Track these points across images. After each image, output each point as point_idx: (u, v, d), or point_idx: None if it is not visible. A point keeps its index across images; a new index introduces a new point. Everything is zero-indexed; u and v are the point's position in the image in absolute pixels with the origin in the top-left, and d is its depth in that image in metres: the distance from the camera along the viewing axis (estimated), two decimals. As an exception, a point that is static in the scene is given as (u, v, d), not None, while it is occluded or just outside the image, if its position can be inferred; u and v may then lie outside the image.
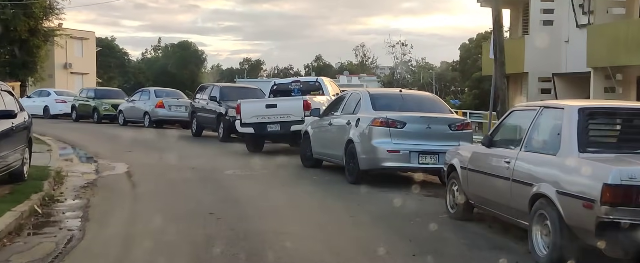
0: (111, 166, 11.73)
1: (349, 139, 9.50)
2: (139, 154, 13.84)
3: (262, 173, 10.82)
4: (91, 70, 47.31)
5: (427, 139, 8.93)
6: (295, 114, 13.48)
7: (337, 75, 69.77)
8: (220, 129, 16.88)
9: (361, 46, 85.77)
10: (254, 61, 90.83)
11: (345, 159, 9.63)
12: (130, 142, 16.54)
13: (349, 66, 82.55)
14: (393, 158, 8.88)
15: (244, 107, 13.88)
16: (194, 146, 15.86)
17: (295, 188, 9.37)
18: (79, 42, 45.86)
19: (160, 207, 7.76)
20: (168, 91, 23.59)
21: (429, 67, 76.98)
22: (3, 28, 35.59)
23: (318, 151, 10.95)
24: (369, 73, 77.84)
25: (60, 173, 10.12)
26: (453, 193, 6.89)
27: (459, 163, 6.73)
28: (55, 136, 17.77)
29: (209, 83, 20.81)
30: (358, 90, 10.52)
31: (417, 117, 9.03)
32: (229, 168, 11.18)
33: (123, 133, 19.34)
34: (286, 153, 14.32)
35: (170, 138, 17.86)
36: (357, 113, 9.67)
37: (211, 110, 17.49)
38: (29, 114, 9.81)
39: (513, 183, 5.52)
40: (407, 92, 10.36)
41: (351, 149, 9.40)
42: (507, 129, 6.13)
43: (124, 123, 22.92)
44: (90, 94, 25.40)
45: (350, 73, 74.90)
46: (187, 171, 10.98)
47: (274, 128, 13.68)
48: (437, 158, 8.85)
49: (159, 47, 70.47)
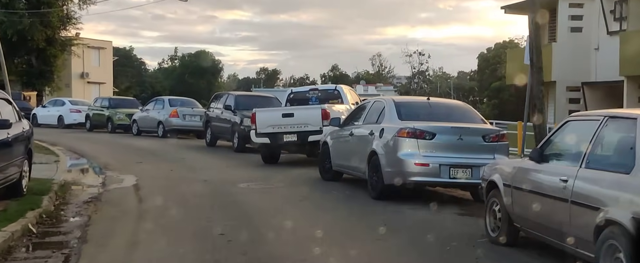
0: (119, 178, 11.03)
1: (372, 151, 8.69)
2: (150, 165, 13.15)
3: (278, 187, 10.04)
4: (108, 79, 47.09)
5: (458, 151, 8.08)
6: (313, 124, 12.70)
7: (354, 84, 68.94)
8: (235, 139, 16.16)
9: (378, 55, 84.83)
10: (270, 71, 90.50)
11: (368, 172, 8.81)
12: (142, 153, 15.88)
13: (365, 75, 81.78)
14: (421, 172, 8.04)
15: (259, 116, 13.14)
16: (208, 157, 15.15)
17: (314, 204, 8.56)
18: (96, 51, 45.69)
19: (166, 226, 6.99)
20: (182, 100, 22.97)
21: (446, 77, 75.97)
22: (20, 37, 35.41)
23: (338, 163, 10.15)
24: (385, 83, 76.97)
25: (63, 187, 9.43)
26: (494, 214, 6.04)
27: (501, 180, 5.88)
28: (66, 146, 17.21)
29: (224, 92, 20.13)
30: (382, 98, 9.68)
31: (447, 127, 8.20)
32: (242, 181, 10.42)
33: (135, 143, 18.71)
34: (303, 164, 13.53)
35: (184, 149, 17.17)
36: (381, 122, 8.86)
37: (226, 119, 16.79)
38: (30, 123, 9.15)
39: (572, 206, 4.67)
40: (435, 101, 9.52)
41: (375, 161, 8.58)
42: (562, 142, 5.28)
43: (137, 133, 22.32)
44: (104, 104, 24.88)
45: (366, 83, 74.10)
46: (199, 184, 10.24)
47: (291, 138, 12.91)
48: (470, 173, 8.00)
49: (175, 56, 70.36)
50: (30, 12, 35.26)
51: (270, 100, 17.61)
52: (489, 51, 75.65)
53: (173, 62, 69.74)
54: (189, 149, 17.25)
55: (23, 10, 35.06)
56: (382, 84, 75.47)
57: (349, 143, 9.67)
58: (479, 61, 77.89)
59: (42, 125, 27.51)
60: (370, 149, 8.73)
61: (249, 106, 16.30)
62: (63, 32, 38.90)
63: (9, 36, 34.77)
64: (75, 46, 39.66)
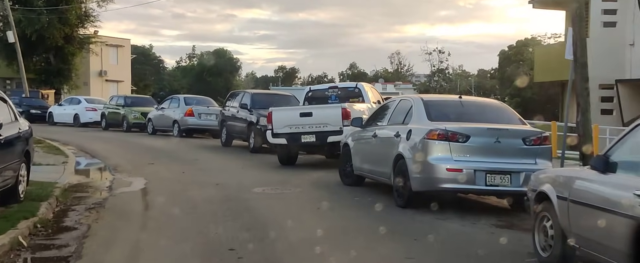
0: (128, 181, 10.35)
1: (398, 154, 7.87)
2: (161, 167, 12.47)
3: (295, 193, 9.26)
4: (126, 77, 46.78)
5: (496, 155, 7.23)
6: (332, 124, 11.91)
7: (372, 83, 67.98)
8: (251, 139, 15.43)
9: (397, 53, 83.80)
10: (288, 69, 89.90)
11: (394, 178, 7.99)
12: (155, 153, 15.23)
13: (384, 73, 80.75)
14: (454, 178, 7.20)
15: (275, 115, 12.38)
16: (222, 158, 14.43)
17: (335, 213, 7.77)
18: (114, 49, 45.40)
19: (171, 238, 6.26)
20: (198, 99, 22.31)
21: (466, 75, 74.64)
22: (38, 36, 35.17)
23: (360, 167, 9.34)
24: (404, 81, 75.87)
25: (66, 192, 8.77)
26: (544, 230, 5.19)
27: (554, 192, 5.03)
28: (78, 146, 16.64)
29: (240, 90, 19.41)
30: (408, 96, 8.81)
31: (483, 129, 7.34)
32: (257, 185, 9.67)
33: (149, 143, 18.09)
34: (322, 166, 12.75)
35: (198, 149, 16.49)
36: (408, 123, 8.03)
37: (242, 118, 16.07)
38: (29, 124, 8.48)
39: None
40: (468, 99, 8.67)
41: (401, 166, 7.76)
42: (636, 148, 4.41)
43: (152, 132, 21.72)
44: (119, 102, 24.34)
45: (385, 81, 73.09)
46: (211, 188, 9.51)
47: (309, 138, 12.13)
48: (509, 179, 7.15)
49: (194, 55, 70.07)
50: (48, 10, 34.99)
51: (288, 99, 16.85)
52: (510, 48, 74.19)
53: (191, 61, 69.46)
54: (203, 149, 16.56)
55: (41, 8, 34.76)
56: (400, 82, 74.42)
57: (373, 145, 8.87)
58: (500, 58, 76.40)
59: (58, 124, 27.13)
60: (396, 153, 7.92)
61: (265, 105, 15.57)
62: (81, 30, 38.65)
63: (28, 34, 34.55)
64: (93, 43, 39.37)
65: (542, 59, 21.23)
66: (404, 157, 7.71)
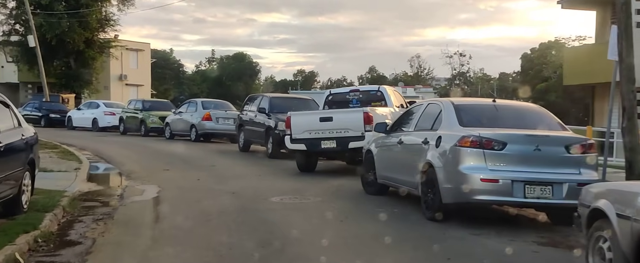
0: (140, 189, 9.86)
1: (426, 162, 7.23)
2: (176, 173, 11.98)
3: (315, 203, 8.66)
4: (146, 81, 46.71)
5: (535, 164, 6.56)
6: (354, 129, 11.31)
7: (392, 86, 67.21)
8: (269, 145, 14.90)
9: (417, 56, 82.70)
10: (307, 73, 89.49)
11: (422, 188, 7.36)
12: (171, 159, 14.77)
13: (403, 77, 79.89)
14: (489, 189, 6.55)
15: (294, 120, 11.81)
16: (239, 163, 13.91)
17: (358, 226, 7.15)
18: (134, 53, 45.35)
19: (179, 257, 5.71)
20: (216, 103, 21.87)
21: (487, 79, 73.51)
22: (59, 40, 35.16)
23: (384, 175, 8.71)
24: (424, 84, 74.90)
25: (74, 201, 8.28)
26: (601, 253, 4.52)
27: (612, 209, 4.36)
28: (94, 151, 16.27)
29: (258, 93, 18.91)
30: (437, 100, 8.15)
31: (521, 135, 6.68)
32: (275, 194, 9.10)
33: (166, 148, 17.66)
34: (343, 173, 12.14)
35: (215, 154, 16.00)
36: (437, 128, 7.40)
37: (259, 123, 15.55)
38: (34, 130, 8.02)
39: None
40: (503, 103, 7.98)
41: (430, 175, 7.13)
42: None
43: (170, 137, 21.32)
44: (137, 106, 23.99)
45: (405, 84, 72.23)
46: (226, 197, 8.97)
47: (329, 144, 11.53)
48: (551, 191, 6.47)
49: (213, 58, 70.01)
50: (69, 15, 34.97)
51: (307, 102, 16.28)
52: (532, 51, 72.87)
53: (211, 65, 69.40)
54: (220, 154, 16.08)
55: (62, 13, 34.74)
56: (420, 85, 73.48)
57: (398, 152, 8.24)
58: (522, 61, 75.12)
59: (77, 128, 26.93)
60: (424, 161, 7.28)
61: (284, 109, 15.04)
62: (101, 34, 38.62)
63: (48, 39, 34.56)
64: (113, 48, 39.30)
65: (572, 61, 20.34)
66: (433, 166, 7.08)
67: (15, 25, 36.40)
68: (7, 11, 36.22)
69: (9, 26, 36.46)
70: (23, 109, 30.40)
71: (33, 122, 29.40)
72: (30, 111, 29.58)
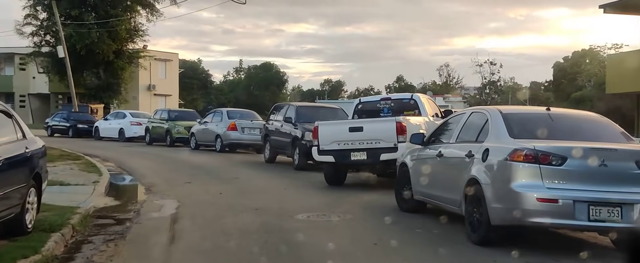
0: (159, 204, 9.19)
1: (471, 178, 6.38)
2: (198, 187, 11.33)
3: (345, 221, 7.86)
4: (174, 91, 46.65)
5: (601, 182, 5.66)
6: (385, 140, 10.49)
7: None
8: (296, 156, 14.17)
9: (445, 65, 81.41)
10: (335, 82, 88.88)
11: (466, 207, 6.51)
12: (194, 170, 14.15)
13: (432, 86, 78.60)
14: (547, 210, 5.66)
15: (322, 130, 11.06)
16: (264, 176, 13.19)
17: (394, 251, 6.32)
18: (162, 63, 45.36)
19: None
20: (242, 112, 21.27)
21: (517, 88, 71.80)
22: (88, 51, 35.22)
23: (421, 191, 7.87)
24: (453, 93, 73.54)
25: (86, 219, 7.65)
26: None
27: None
28: (117, 163, 15.78)
29: (284, 103, 18.21)
30: (482, 108, 7.26)
31: (583, 148, 5.78)
32: (301, 210, 8.34)
33: (190, 159, 17.08)
34: (374, 187, 11.34)
35: (240, 166, 15.34)
36: (483, 140, 6.54)
37: (286, 133, 14.86)
38: (43, 143, 7.41)
39: None
40: (558, 112, 7.06)
41: (476, 193, 6.28)
42: None
43: (195, 147, 20.78)
44: (163, 116, 23.57)
45: (433, 94, 71.02)
46: (249, 214, 8.24)
47: (360, 156, 10.73)
48: (619, 213, 5.56)
49: (241, 69, 69.92)
50: (98, 25, 35.03)
51: (335, 112, 15.53)
52: (565, 60, 70.96)
53: (238, 75, 69.31)
54: (245, 166, 15.41)
55: (92, 23, 34.80)
56: (449, 95, 72.15)
57: (437, 166, 7.39)
58: (555, 70, 73.24)
59: (104, 138, 26.68)
60: (468, 177, 6.43)
61: (311, 119, 14.32)
62: (130, 44, 38.64)
63: (78, 49, 34.66)
64: (142, 58, 39.29)
65: (615, 69, 19.15)
66: (480, 182, 6.22)
67: (46, 36, 36.65)
68: (38, 22, 36.49)
69: (40, 37, 36.72)
70: (51, 120, 30.40)
71: (61, 132, 29.60)
72: (59, 121, 29.53)
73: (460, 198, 6.66)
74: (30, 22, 36.18)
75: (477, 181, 6.29)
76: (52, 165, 13.73)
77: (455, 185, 6.76)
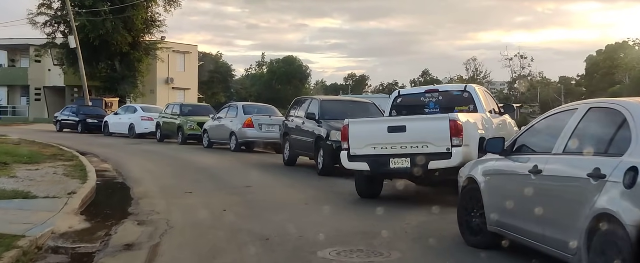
0: (137, 230, 6.83)
1: (602, 213, 3.93)
2: (199, 198, 9.04)
3: (390, 262, 5.45)
4: (193, 85, 44.63)
5: None
6: (435, 143, 8.06)
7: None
8: (319, 159, 11.81)
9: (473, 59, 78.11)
10: (358, 77, 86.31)
11: (589, 257, 4.06)
12: (201, 175, 11.88)
13: (458, 81, 75.51)
14: None
15: (354, 130, 8.65)
16: (282, 183, 10.82)
17: None
18: (181, 56, 43.33)
19: None
20: (259, 107, 18.95)
21: (546, 82, 68.44)
22: (102, 41, 33.29)
23: (500, 220, 5.43)
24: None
25: (31, 253, 5.40)
26: None
27: None
28: (116, 164, 13.60)
29: (306, 96, 15.80)
30: (612, 102, 4.60)
31: None
32: (327, 242, 5.97)
33: (199, 160, 14.81)
34: (418, 201, 8.91)
35: (254, 169, 13.01)
36: (620, 152, 4.06)
37: (308, 131, 12.51)
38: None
39: None
40: None
41: (608, 237, 3.84)
42: None
43: (208, 145, 18.54)
44: (175, 110, 21.36)
45: (460, 88, 67.81)
46: (255, 246, 5.90)
47: (401, 163, 8.29)
48: None
49: (263, 62, 67.76)
50: (113, 14, 33.07)
51: (366, 107, 13.11)
52: (598, 53, 67.50)
53: (260, 68, 67.18)
54: (261, 169, 13.08)
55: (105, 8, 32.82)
56: (477, 89, 68.91)
57: (532, 187, 4.91)
58: (587, 64, 69.77)
59: (114, 134, 24.64)
60: (595, 210, 3.98)
61: (337, 115, 11.99)
62: (147, 35, 36.69)
63: (91, 39, 32.76)
64: (159, 50, 37.30)
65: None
66: (620, 220, 3.77)
67: (60, 26, 34.87)
68: (51, 12, 34.72)
69: (53, 28, 34.97)
70: (61, 114, 28.51)
71: (70, 127, 27.58)
72: (67, 115, 27.63)
73: (576, 242, 4.21)
74: (43, 12, 34.41)
75: (613, 218, 3.84)
76: (35, 167, 11.63)
77: (567, 220, 4.32)
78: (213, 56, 57.58)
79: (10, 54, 44.49)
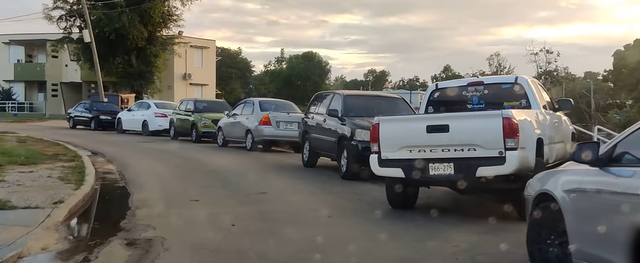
0: (123, 255, 5.54)
1: None
2: (206, 208, 7.76)
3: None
4: (211, 81, 43.55)
5: None
6: (485, 145, 6.66)
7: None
8: (343, 160, 10.45)
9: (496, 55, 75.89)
10: (378, 73, 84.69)
11: None
12: (211, 178, 10.61)
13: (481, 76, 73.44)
14: None
15: (385, 129, 7.28)
16: (300, 190, 9.47)
17: None
18: (199, 51, 42.26)
19: None
20: (277, 103, 17.62)
21: (571, 78, 66.06)
22: (118, 35, 32.32)
23: (592, 253, 4.02)
24: (505, 84, 68.15)
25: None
26: None
27: None
28: (121, 165, 12.43)
29: (328, 91, 14.41)
30: None
31: None
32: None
33: (212, 161, 13.55)
34: (463, 212, 7.52)
35: (271, 172, 11.70)
36: None
37: (330, 130, 11.16)
38: None
39: None
40: None
41: None
42: None
43: (223, 144, 17.29)
44: (189, 107, 20.13)
45: (484, 84, 65.81)
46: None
47: (443, 169, 6.91)
48: None
49: (282, 58, 66.54)
50: (129, 9, 32.07)
51: (395, 103, 11.70)
52: (626, 48, 65.00)
53: (280, 64, 65.99)
54: (277, 172, 11.78)
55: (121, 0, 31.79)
56: (501, 85, 66.88)
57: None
58: (615, 59, 67.25)
59: (128, 132, 23.55)
60: None
61: (363, 112, 10.66)
62: (164, 30, 35.67)
63: (107, 33, 31.81)
64: (176, 45, 36.26)
65: None
66: None
67: (76, 21, 34.01)
68: (67, 6, 33.87)
69: (69, 22, 34.12)
70: (74, 110, 27.57)
71: (84, 124, 26.60)
72: (81, 112, 26.66)
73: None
74: (59, 6, 33.56)
75: None
76: (30, 170, 10.47)
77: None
78: (231, 51, 56.53)
79: (27, 50, 43.89)
